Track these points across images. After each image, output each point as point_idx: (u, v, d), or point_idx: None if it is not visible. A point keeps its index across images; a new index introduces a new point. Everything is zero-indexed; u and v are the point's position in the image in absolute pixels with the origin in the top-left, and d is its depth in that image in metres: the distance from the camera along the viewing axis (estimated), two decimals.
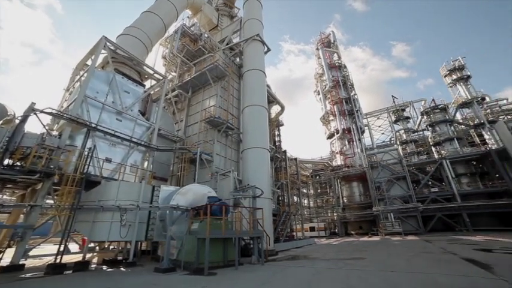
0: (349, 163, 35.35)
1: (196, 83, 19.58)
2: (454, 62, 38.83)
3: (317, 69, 47.68)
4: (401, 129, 46.03)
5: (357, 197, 33.82)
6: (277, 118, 25.85)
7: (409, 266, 7.70)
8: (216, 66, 17.77)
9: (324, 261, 9.59)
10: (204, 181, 14.22)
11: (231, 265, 8.63)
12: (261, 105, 16.99)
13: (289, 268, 8.43)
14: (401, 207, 26.29)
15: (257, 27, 20.35)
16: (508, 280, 5.21)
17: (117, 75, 13.07)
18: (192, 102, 20.04)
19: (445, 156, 30.62)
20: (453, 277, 5.83)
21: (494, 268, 6.56)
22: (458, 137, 34.52)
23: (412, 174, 29.62)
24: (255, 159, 15.12)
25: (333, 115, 39.99)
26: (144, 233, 10.26)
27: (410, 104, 48.56)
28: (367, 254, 11.13)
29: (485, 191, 27.25)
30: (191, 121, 19.08)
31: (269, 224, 13.72)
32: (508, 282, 5.06)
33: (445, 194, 27.79)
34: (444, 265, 7.53)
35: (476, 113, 35.29)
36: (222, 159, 16.66)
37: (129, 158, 12.43)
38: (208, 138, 16.71)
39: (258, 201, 11.88)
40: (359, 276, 6.33)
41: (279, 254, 13.05)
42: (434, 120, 36.46)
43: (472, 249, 10.78)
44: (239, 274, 7.44)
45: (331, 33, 49.02)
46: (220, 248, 8.87)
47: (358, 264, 8.38)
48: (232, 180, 13.35)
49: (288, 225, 20.13)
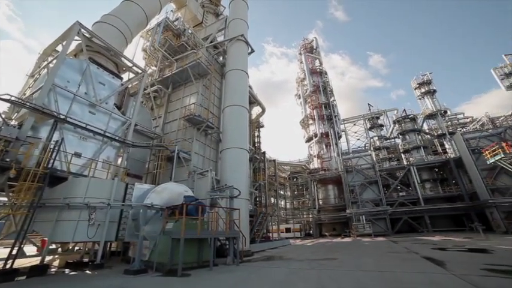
0: (326, 166, 36.52)
1: (177, 79, 19.07)
2: (423, 77, 42.01)
3: (299, 74, 48.76)
4: (375, 136, 48.61)
5: (332, 199, 35.05)
6: (257, 119, 26.01)
7: (377, 265, 8.14)
8: (199, 64, 17.45)
9: (298, 261, 9.80)
10: (181, 180, 13.86)
11: (205, 266, 8.50)
12: (242, 106, 16.98)
13: (264, 269, 8.51)
14: (373, 210, 27.76)
15: (242, 28, 20.34)
16: (456, 274, 5.92)
17: (92, 65, 12.26)
18: (172, 99, 19.47)
19: (413, 163, 32.94)
20: (414, 274, 6.35)
21: (447, 264, 7.35)
22: (424, 146, 37.31)
23: (383, 179, 31.41)
24: (233, 160, 15.06)
25: (312, 119, 41.11)
26: (115, 232, 9.67)
27: (384, 113, 51.52)
28: (339, 254, 11.56)
29: (443, 195, 29.83)
30: (170, 118, 18.52)
31: (246, 224, 13.73)
32: (456, 276, 5.73)
33: (411, 198, 29.88)
34: (407, 263, 8.09)
35: (440, 124, 38.45)
36: (200, 158, 16.37)
37: (102, 153, 11.70)
38: (187, 136, 16.33)
39: (236, 201, 11.86)
40: (330, 276, 6.56)
41: (254, 254, 13.10)
42: (404, 129, 39.07)
43: (430, 249, 11.77)
44: (213, 275, 7.36)
45: (314, 40, 50.46)
46: (195, 249, 8.71)
47: (330, 264, 8.68)
48: (210, 179, 13.17)
49: (264, 226, 20.30)
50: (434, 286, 5.11)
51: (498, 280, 5.35)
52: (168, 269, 7.48)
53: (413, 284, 5.37)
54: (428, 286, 5.14)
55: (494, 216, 23.08)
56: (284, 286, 5.78)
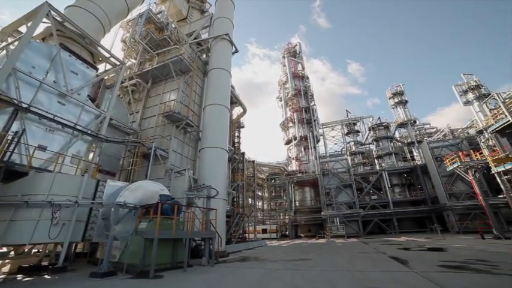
0: (304, 169, 37.41)
1: (157, 74, 18.43)
2: (397, 88, 44.84)
3: (281, 77, 49.47)
4: (352, 141, 50.73)
5: (308, 201, 35.95)
6: (238, 120, 25.95)
7: (348, 265, 8.49)
8: (181, 60, 17.03)
9: (273, 262, 9.92)
10: (157, 178, 13.39)
11: (179, 267, 8.28)
12: (223, 105, 16.84)
13: (239, 269, 8.50)
14: (347, 212, 28.92)
15: (227, 27, 20.21)
16: (417, 271, 6.44)
17: (63, 52, 11.38)
18: (151, 94, 18.78)
19: (385, 168, 34.90)
20: (381, 273, 6.76)
21: (409, 263, 7.95)
22: (395, 152, 39.77)
23: (357, 183, 32.87)
24: (212, 159, 14.87)
25: (292, 122, 41.91)
26: (82, 232, 8.98)
27: (361, 120, 53.96)
28: (313, 255, 11.88)
29: (410, 199, 32.03)
30: (148, 114, 17.83)
31: (222, 225, 13.61)
32: (417, 273, 6.25)
33: (382, 201, 31.64)
34: (375, 263, 8.56)
35: (410, 133, 41.25)
36: (178, 157, 15.95)
37: (71, 147, 10.91)
38: (166, 133, 15.84)
39: (213, 201, 11.71)
40: (304, 276, 6.73)
41: (230, 255, 13.02)
42: (378, 136, 41.35)
43: (396, 249, 12.56)
44: (187, 276, 7.20)
45: (297, 44, 51.62)
46: (169, 249, 8.46)
47: (304, 264, 8.90)
48: (187, 178, 12.88)
49: (241, 227, 20.27)
50: (398, 283, 5.47)
51: (450, 275, 6.03)
52: (139, 271, 7.18)
53: (380, 282, 5.71)
54: (392, 283, 5.49)
55: (450, 218, 25.48)
56: (258, 287, 5.82)
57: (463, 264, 7.32)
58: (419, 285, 5.21)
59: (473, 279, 5.52)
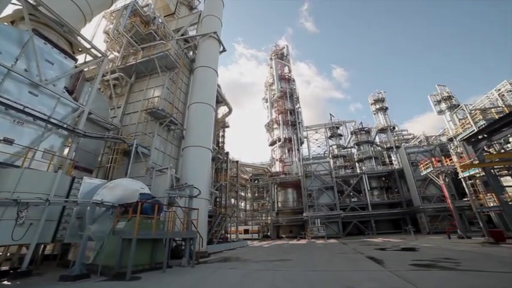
0: (287, 170, 37.89)
1: (141, 69, 17.86)
2: (378, 94, 46.81)
3: (268, 78, 49.84)
4: (334, 145, 52.17)
5: (290, 202, 36.44)
6: (223, 119, 25.83)
7: (328, 265, 8.71)
8: (167, 56, 16.65)
9: (255, 262, 9.94)
10: (137, 176, 12.93)
11: (158, 268, 8.07)
12: (209, 104, 16.63)
13: (220, 270, 8.42)
14: (327, 214, 29.65)
15: (216, 25, 20.03)
16: (391, 270, 6.77)
17: (37, 39, 10.56)
18: (135, 89, 18.15)
19: (365, 171, 36.20)
20: (358, 272, 7.00)
21: (385, 262, 8.30)
22: (375, 157, 41.41)
23: (338, 185, 33.80)
24: (196, 158, 14.65)
25: (277, 124, 42.35)
26: (52, 233, 8.39)
27: (344, 124, 55.69)
28: (294, 255, 12.05)
29: (387, 202, 33.48)
30: (130, 109, 17.21)
31: (204, 225, 13.44)
32: (391, 272, 6.56)
33: (361, 203, 32.78)
34: (353, 263, 8.85)
35: (389, 138, 43.22)
36: (160, 155, 15.55)
37: (44, 141, 10.23)
38: (148, 130, 15.38)
39: (195, 201, 11.53)
40: (284, 277, 6.81)
41: (211, 255, 12.88)
42: (360, 140, 42.83)
43: (373, 249, 13.05)
44: (166, 277, 7.02)
45: (285, 47, 52.26)
46: (148, 250, 8.22)
47: (285, 265, 9.00)
48: (169, 177, 12.58)
49: (223, 227, 20.13)
50: (373, 282, 5.71)
51: (420, 273, 6.45)
52: (115, 273, 6.90)
53: (357, 281, 5.92)
54: (368, 282, 5.71)
55: (422, 220, 27.08)
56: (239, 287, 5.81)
57: (431, 263, 7.82)
58: (392, 283, 5.47)
59: (440, 276, 6.01)
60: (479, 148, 15.01)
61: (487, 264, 7.62)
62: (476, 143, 15.31)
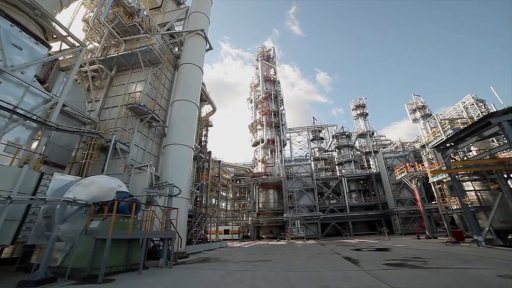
0: (269, 172, 38.23)
1: (123, 63, 17.13)
2: (360, 100, 48.75)
3: (253, 79, 50.00)
4: (316, 147, 53.40)
5: (271, 203, 36.77)
6: (207, 118, 25.58)
7: (306, 265, 8.89)
8: (151, 50, 16.12)
9: (234, 263, 9.90)
10: (115, 173, 12.38)
11: (134, 269, 7.77)
12: (193, 102, 16.32)
13: (199, 271, 8.29)
14: (307, 215, 30.30)
15: (203, 22, 19.74)
16: (365, 270, 7.09)
17: (2, 20, 9.61)
18: (115, 83, 17.36)
19: (344, 174, 37.51)
20: (334, 272, 7.21)
21: (360, 262, 8.66)
22: (355, 160, 43.04)
23: (318, 187, 34.69)
24: (177, 156, 14.32)
25: (261, 125, 42.62)
26: (13, 234, 7.53)
27: (326, 127, 57.18)
28: (274, 256, 12.16)
29: (364, 204, 34.90)
30: (110, 103, 16.44)
31: (183, 225, 13.17)
32: (365, 271, 6.87)
33: (340, 205, 33.87)
34: (330, 263, 9.10)
35: (368, 143, 45.11)
36: (140, 152, 15.01)
37: (8, 133, 9.41)
38: (128, 126, 14.78)
39: (175, 200, 11.23)
40: (264, 277, 6.85)
41: (190, 256, 12.65)
42: (340, 144, 44.31)
43: (350, 250, 13.54)
44: (142, 279, 6.77)
45: (272, 49, 52.76)
46: (123, 250, 7.87)
47: (264, 265, 9.06)
48: (148, 175, 12.18)
49: (203, 227, 19.85)
50: (348, 281, 5.92)
51: (391, 271, 6.83)
52: (86, 275, 6.51)
53: (333, 280, 6.10)
54: (344, 282, 5.92)
55: (395, 222, 28.62)
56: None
57: (402, 262, 8.32)
58: (366, 282, 5.71)
59: (409, 274, 6.44)
60: (447, 155, 16.20)
61: (448, 261, 8.35)
62: (444, 150, 16.50)
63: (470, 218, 14.29)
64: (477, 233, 13.68)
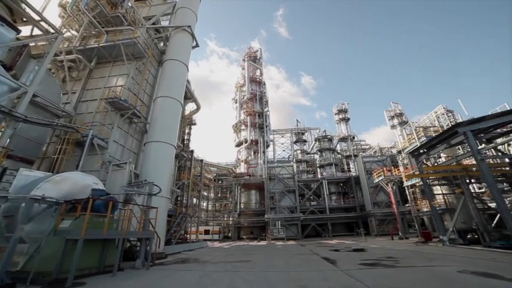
0: (252, 172, 38.30)
1: (104, 54, 16.37)
2: (342, 105, 50.36)
3: (239, 79, 49.99)
4: (299, 150, 54.42)
5: (253, 204, 36.84)
6: (190, 116, 25.20)
7: (286, 266, 8.99)
8: (135, 43, 15.59)
9: (214, 264, 9.79)
10: (91, 170, 11.76)
11: (108, 271, 7.40)
12: (176, 99, 15.97)
13: (177, 272, 8.10)
14: (288, 216, 30.69)
15: (190, 19, 19.41)
16: (342, 269, 7.34)
17: None
18: (95, 75, 16.53)
19: (325, 177, 38.47)
20: (313, 272, 7.38)
21: (337, 262, 8.92)
22: (335, 163, 44.31)
23: (300, 189, 35.25)
24: (158, 154, 13.95)
25: (245, 125, 42.66)
26: None
27: (309, 130, 58.50)
28: (254, 257, 12.18)
29: (343, 206, 36.02)
30: (88, 96, 15.62)
31: (162, 225, 12.84)
32: (342, 271, 7.11)
33: (320, 207, 34.68)
34: (309, 263, 9.29)
35: (349, 147, 46.72)
36: (119, 148, 14.41)
37: None
38: (107, 121, 14.15)
39: (154, 199, 10.91)
40: (243, 278, 6.84)
41: (168, 257, 12.33)
42: (322, 147, 45.41)
43: (328, 250, 13.90)
44: (115, 282, 6.49)
45: (258, 50, 53.00)
46: (97, 251, 7.49)
47: (244, 266, 9.05)
48: (127, 173, 11.73)
49: (182, 227, 19.47)
50: (326, 281, 6.09)
51: (366, 271, 7.12)
52: (52, 279, 6.03)
53: (312, 280, 6.24)
54: (322, 281, 6.07)
55: (372, 223, 29.86)
56: None
57: (376, 261, 8.70)
58: (342, 281, 5.91)
59: (382, 273, 6.78)
60: (420, 161, 17.24)
61: (417, 260, 8.95)
62: (418, 156, 17.53)
63: (438, 220, 15.39)
64: (443, 233, 14.76)
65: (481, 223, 13.85)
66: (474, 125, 12.79)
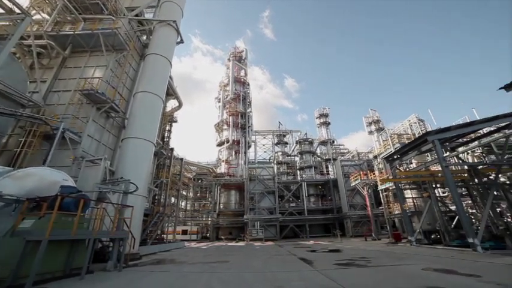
0: (232, 172, 38.13)
1: (80, 43, 15.42)
2: (323, 110, 51.84)
3: (223, 78, 49.59)
4: (280, 151, 55.01)
5: (232, 204, 36.68)
6: (172, 113, 24.60)
7: (263, 266, 9.02)
8: (115, 34, 14.86)
9: (191, 265, 9.60)
10: (60, 166, 10.99)
11: (76, 274, 6.93)
12: (158, 95, 15.48)
13: (152, 274, 7.83)
14: (267, 217, 30.95)
15: (176, 14, 18.94)
16: (318, 269, 7.56)
17: None
18: (69, 64, 15.51)
19: (304, 179, 39.31)
20: (290, 273, 7.52)
21: (314, 263, 9.15)
22: (315, 166, 45.44)
23: (279, 190, 35.72)
24: (136, 151, 13.40)
25: (227, 125, 42.42)
26: None
27: (290, 133, 59.37)
28: (232, 257, 12.09)
29: (321, 208, 37.09)
30: (61, 86, 14.61)
31: (138, 224, 12.36)
32: (318, 271, 7.31)
33: (298, 208, 35.37)
34: (287, 264, 9.43)
35: (328, 150, 48.13)
36: (94, 143, 13.64)
37: None
38: (82, 114, 13.33)
39: (131, 198, 10.46)
40: (220, 278, 6.78)
41: (143, 258, 11.86)
42: (303, 150, 46.39)
43: (305, 251, 14.21)
44: (82, 286, 6.10)
45: (244, 50, 52.99)
46: (63, 253, 6.97)
47: (222, 267, 8.96)
48: (102, 169, 11.12)
49: (159, 227, 18.89)
50: (303, 280, 6.22)
51: (341, 270, 7.42)
52: (6, 286, 5.40)
53: (288, 280, 6.35)
54: (298, 281, 6.19)
55: (348, 225, 31.05)
56: None
57: (350, 261, 9.06)
58: (318, 281, 6.08)
59: (355, 272, 7.09)
60: (394, 166, 18.26)
61: (387, 260, 9.48)
62: (392, 161, 18.56)
63: (407, 222, 16.45)
64: (411, 234, 15.81)
65: (443, 224, 15.08)
66: (441, 134, 13.88)
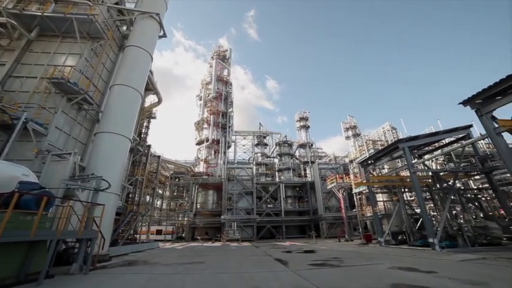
0: (210, 172, 37.63)
1: (50, 26, 14.23)
2: (304, 113, 53.12)
3: (206, 76, 48.79)
4: (260, 153, 55.33)
5: (210, 204, 36.15)
6: (150, 109, 23.74)
7: (239, 267, 9.01)
8: (92, 21, 13.94)
9: (164, 266, 9.32)
10: (21, 159, 10.06)
11: (33, 280, 6.28)
12: (136, 89, 14.81)
13: (121, 276, 7.46)
14: (244, 218, 30.96)
15: (160, 6, 18.32)
16: (293, 270, 7.74)
17: None
18: (35, 48, 14.23)
19: (283, 181, 39.95)
20: (265, 273, 7.58)
21: (289, 263, 9.35)
22: (293, 168, 46.32)
23: (258, 191, 35.90)
24: (110, 146, 12.73)
25: (208, 124, 41.81)
26: None
27: (270, 134, 60.00)
28: (207, 258, 11.93)
29: (298, 209, 37.91)
30: (24, 72, 13.36)
31: (109, 223, 11.74)
32: (293, 271, 7.49)
33: (276, 209, 35.82)
34: (262, 265, 9.51)
35: (307, 153, 49.39)
36: (63, 136, 12.66)
37: None
38: (49, 104, 12.32)
39: (102, 195, 9.89)
40: (194, 280, 6.66)
41: (113, 259, 11.25)
42: (282, 152, 47.11)
43: (281, 252, 14.43)
44: None
45: (228, 50, 52.61)
46: (18, 256, 6.28)
47: (197, 268, 8.80)
48: (71, 165, 10.36)
49: (132, 227, 18.09)
50: (278, 281, 6.31)
51: (314, 271, 7.67)
52: None
53: (264, 281, 6.40)
54: (273, 282, 6.28)
55: (323, 226, 32.07)
56: None
57: (324, 262, 9.39)
58: (293, 281, 6.22)
59: (328, 272, 7.39)
60: (368, 170, 19.25)
61: (358, 260, 10.02)
62: (366, 166, 19.55)
63: (378, 224, 17.46)
64: (380, 236, 16.79)
65: (409, 226, 16.25)
66: (411, 142, 15.01)
